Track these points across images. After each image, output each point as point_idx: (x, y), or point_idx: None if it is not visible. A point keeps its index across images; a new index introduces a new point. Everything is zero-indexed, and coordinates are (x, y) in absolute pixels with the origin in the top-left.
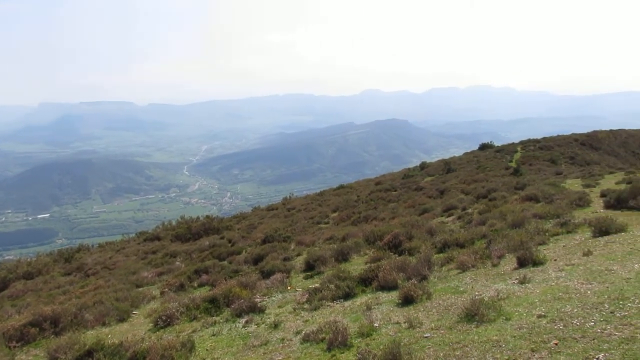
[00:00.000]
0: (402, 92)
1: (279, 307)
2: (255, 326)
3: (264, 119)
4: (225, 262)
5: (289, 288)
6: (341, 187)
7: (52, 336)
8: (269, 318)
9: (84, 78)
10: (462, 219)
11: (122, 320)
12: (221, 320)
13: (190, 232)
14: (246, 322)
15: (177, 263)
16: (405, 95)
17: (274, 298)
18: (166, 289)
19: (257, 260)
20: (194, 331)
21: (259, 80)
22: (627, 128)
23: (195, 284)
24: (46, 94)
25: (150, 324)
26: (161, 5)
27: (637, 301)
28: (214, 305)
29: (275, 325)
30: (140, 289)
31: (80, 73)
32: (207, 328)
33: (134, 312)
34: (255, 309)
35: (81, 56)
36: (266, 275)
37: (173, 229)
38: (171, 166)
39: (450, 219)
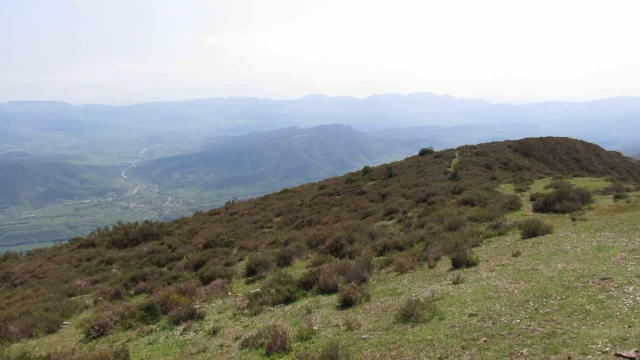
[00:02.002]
0: (346, 97)
1: (219, 313)
2: (194, 333)
3: (207, 121)
4: (165, 269)
5: (229, 293)
6: (285, 191)
7: None
8: (208, 324)
9: (14, 76)
10: (402, 222)
11: (51, 331)
12: (158, 328)
13: (128, 237)
14: (184, 329)
15: (114, 270)
16: (348, 101)
17: (214, 304)
18: (100, 298)
19: (197, 265)
20: (128, 340)
21: (202, 82)
22: (555, 136)
23: (132, 292)
24: None
25: (82, 335)
26: (98, 0)
27: (558, 298)
28: (150, 312)
29: (214, 332)
30: (73, 298)
31: (10, 71)
32: (142, 337)
33: (65, 323)
34: (194, 316)
35: (10, 53)
36: (206, 281)
37: (110, 234)
38: (108, 169)
39: (391, 222)
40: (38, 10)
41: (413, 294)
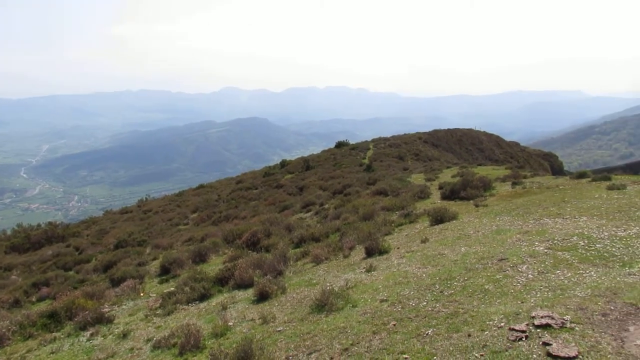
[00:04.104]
0: (261, 90)
1: (130, 315)
2: (102, 338)
3: (116, 115)
4: (72, 272)
5: (141, 294)
6: (201, 186)
7: None
8: (117, 328)
9: None
10: (319, 214)
11: None
12: (62, 336)
13: (29, 241)
14: (91, 334)
15: (13, 277)
16: (264, 94)
17: (124, 306)
18: None
19: (108, 267)
20: (28, 351)
21: (109, 73)
22: (461, 127)
23: (34, 299)
24: None
25: None
26: None
27: (461, 280)
28: (54, 319)
29: (124, 335)
30: None
31: None
32: (45, 346)
33: None
34: (103, 320)
35: None
36: (117, 282)
37: (8, 239)
38: (5, 168)
39: (308, 214)
40: None
41: (328, 284)
